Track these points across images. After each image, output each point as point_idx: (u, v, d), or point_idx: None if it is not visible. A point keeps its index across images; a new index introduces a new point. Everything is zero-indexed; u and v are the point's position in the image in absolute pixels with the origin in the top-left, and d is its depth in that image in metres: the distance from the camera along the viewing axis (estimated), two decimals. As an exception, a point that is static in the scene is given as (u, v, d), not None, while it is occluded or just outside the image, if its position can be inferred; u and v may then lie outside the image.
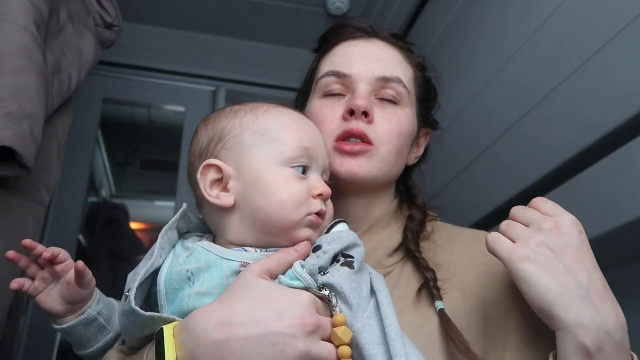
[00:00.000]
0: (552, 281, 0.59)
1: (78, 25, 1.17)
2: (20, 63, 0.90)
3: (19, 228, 0.99)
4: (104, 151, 3.11)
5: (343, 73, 0.82)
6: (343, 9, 2.24)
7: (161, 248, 0.66)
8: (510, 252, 0.62)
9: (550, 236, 0.61)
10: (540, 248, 0.61)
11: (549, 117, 1.32)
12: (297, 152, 0.67)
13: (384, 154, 0.78)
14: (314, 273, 0.61)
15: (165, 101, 2.50)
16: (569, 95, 1.25)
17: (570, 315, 0.58)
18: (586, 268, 0.61)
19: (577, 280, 0.59)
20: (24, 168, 0.88)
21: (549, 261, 0.60)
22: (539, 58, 1.33)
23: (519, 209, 0.67)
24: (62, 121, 1.15)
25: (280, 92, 2.48)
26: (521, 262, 0.60)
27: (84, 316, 0.73)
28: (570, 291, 0.58)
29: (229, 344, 0.55)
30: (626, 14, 1.07)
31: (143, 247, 3.15)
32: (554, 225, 0.62)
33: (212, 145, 0.69)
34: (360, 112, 0.77)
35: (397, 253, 0.80)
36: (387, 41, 0.87)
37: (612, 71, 1.13)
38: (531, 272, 0.60)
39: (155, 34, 2.41)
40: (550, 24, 1.29)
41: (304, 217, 0.65)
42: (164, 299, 0.64)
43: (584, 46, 1.19)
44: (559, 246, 0.61)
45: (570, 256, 0.61)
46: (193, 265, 0.63)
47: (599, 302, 0.59)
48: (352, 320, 0.59)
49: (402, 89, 0.82)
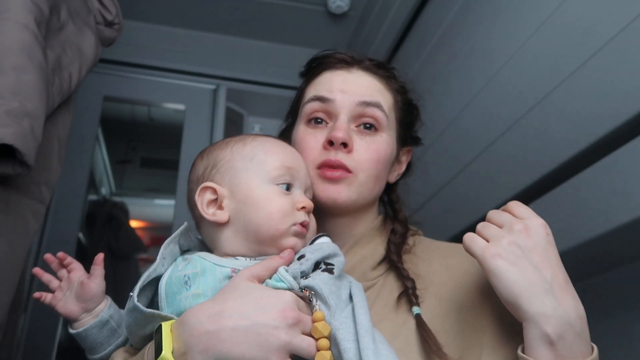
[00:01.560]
0: (519, 276, 0.65)
1: (79, 23, 1.17)
2: (21, 61, 0.90)
3: (19, 226, 0.99)
4: (104, 149, 3.11)
5: (326, 98, 0.89)
6: (344, 7, 2.24)
7: (163, 258, 0.75)
8: (484, 250, 0.68)
9: (520, 236, 0.69)
10: (510, 247, 0.67)
11: (548, 117, 1.32)
12: (281, 171, 0.76)
13: (362, 180, 0.85)
14: (297, 276, 0.69)
15: (165, 99, 2.50)
16: (568, 96, 1.25)
17: (534, 306, 0.64)
18: (550, 265, 0.67)
19: (542, 275, 0.66)
20: (24, 166, 0.88)
21: (518, 259, 0.67)
22: (539, 58, 1.33)
23: (495, 213, 0.74)
24: (63, 119, 1.15)
25: (281, 91, 2.48)
26: (493, 259, 0.67)
27: (98, 319, 0.84)
28: (535, 285, 0.65)
29: (219, 333, 0.61)
30: (626, 14, 1.07)
31: (143, 245, 3.15)
32: (524, 227, 0.69)
33: (208, 172, 0.79)
34: (339, 143, 0.84)
35: (380, 266, 0.86)
36: (367, 70, 0.93)
37: (611, 72, 1.13)
38: (502, 268, 0.66)
39: (155, 32, 2.41)
40: (549, 24, 1.28)
41: (290, 226, 0.74)
42: (164, 301, 0.71)
43: (583, 46, 1.19)
44: (527, 245, 0.68)
45: (537, 255, 0.68)
46: (190, 271, 0.71)
47: (561, 296, 0.66)
48: (331, 319, 0.65)
49: (381, 113, 0.88)
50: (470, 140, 1.61)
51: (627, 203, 1.14)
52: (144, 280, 0.72)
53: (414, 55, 1.92)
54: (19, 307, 1.14)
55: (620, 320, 1.36)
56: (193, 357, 0.61)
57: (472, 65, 1.60)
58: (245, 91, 2.47)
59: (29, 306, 1.94)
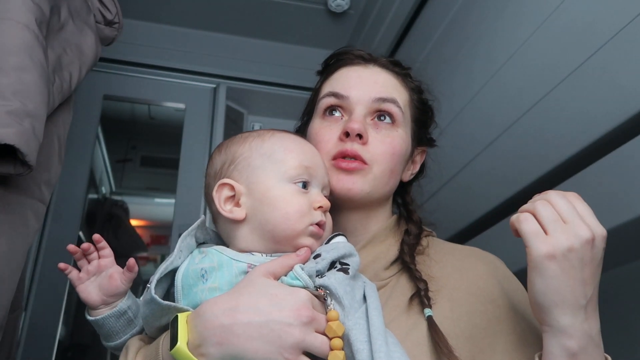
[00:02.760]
0: (564, 287, 0.64)
1: (79, 23, 1.17)
2: (22, 61, 0.90)
3: (19, 226, 0.99)
4: (104, 148, 3.11)
5: (342, 94, 0.89)
6: (344, 6, 2.24)
7: (180, 250, 0.75)
8: (539, 242, 0.65)
9: (583, 248, 0.65)
10: (570, 253, 0.64)
11: (548, 116, 1.32)
12: (299, 171, 0.76)
13: (377, 173, 0.85)
14: (312, 275, 0.69)
15: (165, 98, 2.50)
16: (567, 95, 1.25)
17: (566, 318, 0.65)
18: (594, 282, 0.66)
19: (584, 291, 0.65)
20: (25, 166, 0.88)
21: (572, 269, 0.64)
22: (539, 58, 1.33)
23: (558, 197, 0.68)
24: (63, 119, 1.15)
25: (281, 90, 2.48)
26: (548, 259, 0.64)
27: (116, 309, 0.84)
28: (575, 299, 0.65)
29: (234, 327, 0.62)
30: (626, 14, 1.07)
31: (143, 244, 3.15)
32: (591, 238, 0.65)
33: (225, 167, 0.79)
34: (354, 134, 0.84)
35: (393, 266, 0.85)
36: (384, 67, 0.93)
37: (611, 71, 1.13)
38: (551, 272, 0.64)
39: (155, 31, 2.41)
40: (549, 23, 1.28)
41: (307, 227, 0.74)
42: (180, 293, 0.72)
43: (583, 46, 1.19)
44: (585, 259, 0.65)
45: (589, 270, 0.66)
46: (207, 265, 0.72)
47: (591, 311, 0.66)
48: (344, 319, 0.65)
49: (397, 109, 0.88)
50: (469, 140, 1.61)
51: (628, 202, 1.14)
52: (162, 272, 0.72)
53: (414, 55, 1.92)
54: (19, 306, 1.14)
55: (619, 321, 1.36)
56: (207, 350, 0.62)
57: (472, 64, 1.60)
58: (245, 90, 2.47)
59: (29, 306, 1.94)
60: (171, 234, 2.23)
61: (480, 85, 1.55)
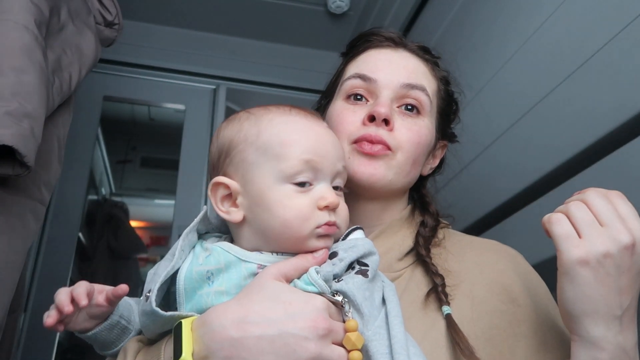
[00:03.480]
0: (598, 295, 0.59)
1: (79, 24, 1.17)
2: (21, 62, 0.90)
3: (19, 226, 0.99)
4: (104, 149, 3.11)
5: (369, 77, 0.83)
6: (344, 7, 2.24)
7: (182, 250, 0.68)
8: (572, 247, 0.60)
9: (622, 254, 0.59)
10: (606, 259, 0.59)
11: (549, 117, 1.32)
12: (298, 168, 0.66)
13: (400, 161, 0.79)
14: (329, 279, 0.63)
15: (165, 99, 2.50)
16: (568, 96, 1.25)
17: (598, 329, 0.59)
18: (632, 292, 0.61)
19: (620, 301, 0.60)
20: (24, 167, 0.88)
21: (607, 277, 0.59)
22: (539, 58, 1.33)
23: (595, 196, 0.63)
24: (63, 119, 1.15)
25: (281, 91, 2.48)
26: (579, 265, 0.60)
27: (107, 322, 0.73)
28: (609, 309, 0.59)
29: (244, 341, 0.57)
30: (627, 14, 1.07)
31: (143, 245, 3.15)
32: (631, 243, 0.60)
33: (222, 160, 0.71)
34: (380, 119, 0.78)
35: (407, 257, 0.80)
36: (414, 52, 0.88)
37: (612, 71, 1.13)
38: (585, 279, 0.59)
39: (155, 32, 2.41)
40: (550, 23, 1.29)
41: (312, 230, 0.65)
42: (182, 296, 0.66)
43: (584, 46, 1.19)
44: (623, 267, 0.60)
45: (627, 278, 0.60)
46: (213, 266, 0.66)
47: (627, 323, 0.60)
48: (363, 329, 0.61)
49: (425, 97, 0.83)
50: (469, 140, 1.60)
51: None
52: (163, 279, 0.65)
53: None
54: (19, 307, 1.14)
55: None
56: None
57: (472, 66, 1.60)
58: (245, 91, 2.47)
59: (29, 306, 1.94)
60: (171, 235, 2.23)
61: (479, 88, 1.55)
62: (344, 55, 0.94)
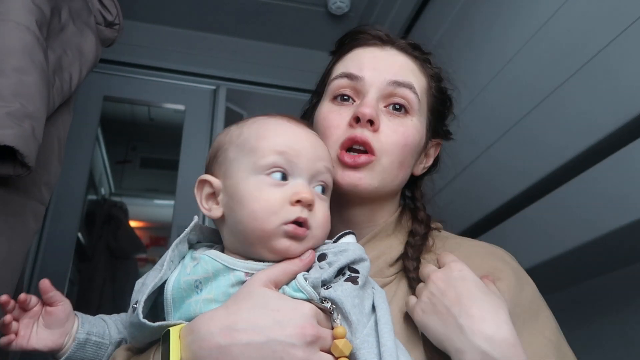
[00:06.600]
0: (438, 322, 0.68)
1: (79, 24, 1.17)
2: (23, 63, 0.90)
3: (19, 226, 0.99)
4: (104, 149, 3.11)
5: (355, 75, 0.83)
6: (344, 8, 2.24)
7: (171, 261, 0.68)
8: (413, 310, 0.72)
9: (434, 285, 0.71)
10: (427, 297, 0.70)
11: (550, 117, 1.32)
12: (270, 158, 0.66)
13: (385, 165, 0.79)
14: (317, 286, 0.63)
15: (165, 99, 2.50)
16: (570, 96, 1.25)
17: (453, 344, 0.66)
18: (459, 301, 0.68)
19: (452, 313, 0.67)
20: (25, 167, 0.88)
21: (434, 306, 0.69)
22: (540, 58, 1.33)
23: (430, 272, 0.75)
24: (63, 120, 1.15)
25: (280, 92, 2.48)
26: (419, 316, 0.70)
27: (75, 342, 0.72)
28: (449, 325, 0.67)
29: (232, 349, 0.58)
30: (628, 15, 1.08)
31: (142, 245, 3.15)
32: (439, 274, 0.72)
33: (211, 162, 0.74)
34: (365, 120, 0.77)
35: (398, 263, 0.81)
36: (402, 50, 0.87)
37: (614, 72, 1.13)
38: (426, 321, 0.69)
39: (155, 33, 2.41)
40: (552, 24, 1.29)
41: (279, 226, 0.64)
42: (170, 306, 0.66)
43: (586, 46, 1.19)
44: (440, 289, 0.70)
45: (449, 294, 0.69)
46: (201, 275, 0.65)
47: (474, 325, 0.65)
48: (352, 337, 0.60)
49: (413, 95, 0.82)
50: (468, 141, 1.61)
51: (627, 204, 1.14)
52: (150, 290, 0.65)
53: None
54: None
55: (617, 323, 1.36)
56: None
57: (472, 67, 1.61)
58: (245, 92, 2.47)
59: (28, 306, 1.94)
60: (170, 235, 2.23)
61: (480, 89, 1.55)
62: (332, 54, 0.93)
